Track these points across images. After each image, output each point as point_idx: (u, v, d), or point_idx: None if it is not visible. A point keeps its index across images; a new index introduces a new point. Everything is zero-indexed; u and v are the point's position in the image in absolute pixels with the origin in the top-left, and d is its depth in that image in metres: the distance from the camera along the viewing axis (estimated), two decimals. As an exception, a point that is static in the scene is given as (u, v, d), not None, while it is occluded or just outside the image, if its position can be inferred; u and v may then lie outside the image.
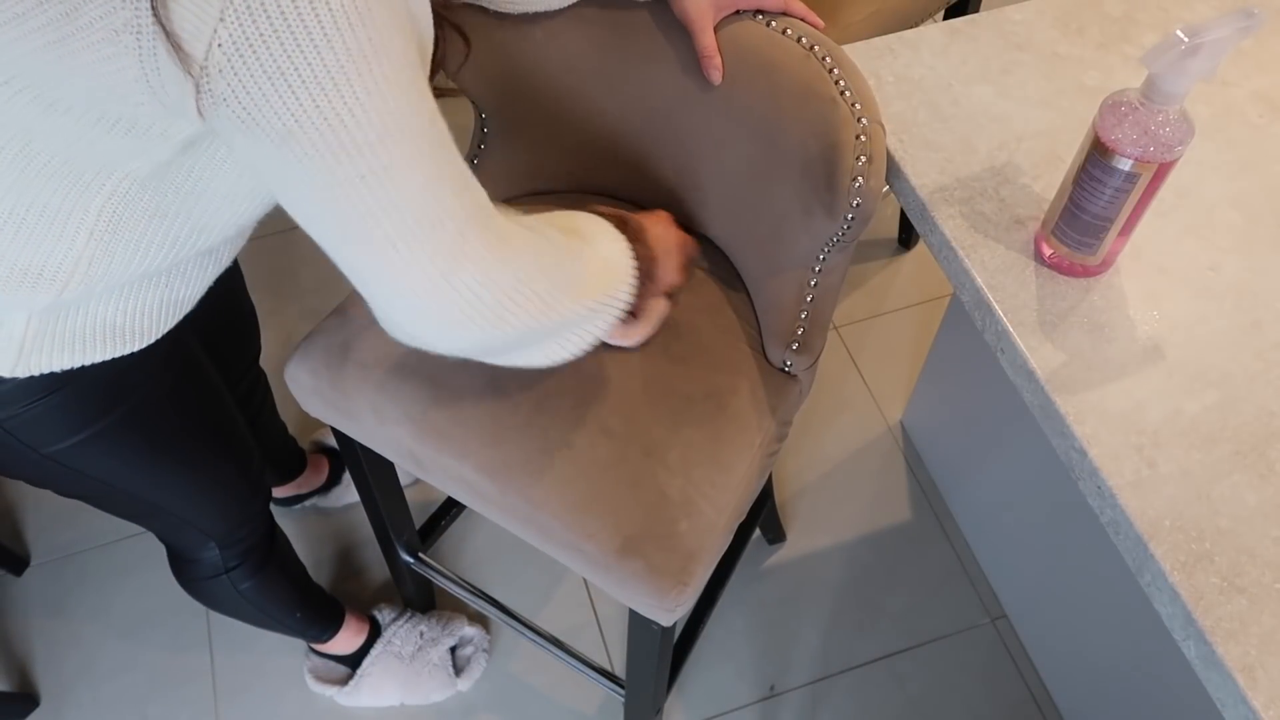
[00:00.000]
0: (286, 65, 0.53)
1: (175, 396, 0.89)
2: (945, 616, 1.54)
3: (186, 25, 0.52)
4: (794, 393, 1.04)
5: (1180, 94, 0.69)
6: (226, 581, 1.11)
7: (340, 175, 0.59)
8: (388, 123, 0.58)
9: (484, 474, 0.94)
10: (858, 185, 0.86)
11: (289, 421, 1.49)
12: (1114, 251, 0.81)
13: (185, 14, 0.52)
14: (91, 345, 0.76)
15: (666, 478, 0.93)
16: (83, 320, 0.75)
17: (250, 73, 0.53)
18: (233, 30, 0.51)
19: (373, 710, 1.44)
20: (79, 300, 0.73)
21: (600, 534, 0.90)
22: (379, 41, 0.55)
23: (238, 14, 0.51)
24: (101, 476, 0.89)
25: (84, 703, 1.45)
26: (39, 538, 1.59)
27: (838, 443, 1.71)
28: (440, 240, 0.64)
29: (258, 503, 1.09)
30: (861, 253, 1.96)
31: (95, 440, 0.83)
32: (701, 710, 1.45)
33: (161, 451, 0.90)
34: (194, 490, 0.98)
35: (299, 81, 0.54)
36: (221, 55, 0.52)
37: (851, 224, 0.89)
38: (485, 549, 1.58)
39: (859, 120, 0.86)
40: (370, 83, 0.55)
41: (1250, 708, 0.64)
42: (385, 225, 0.62)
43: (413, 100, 0.59)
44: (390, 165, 0.59)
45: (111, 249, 0.70)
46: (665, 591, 0.89)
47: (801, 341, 1.02)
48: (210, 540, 1.06)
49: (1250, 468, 0.73)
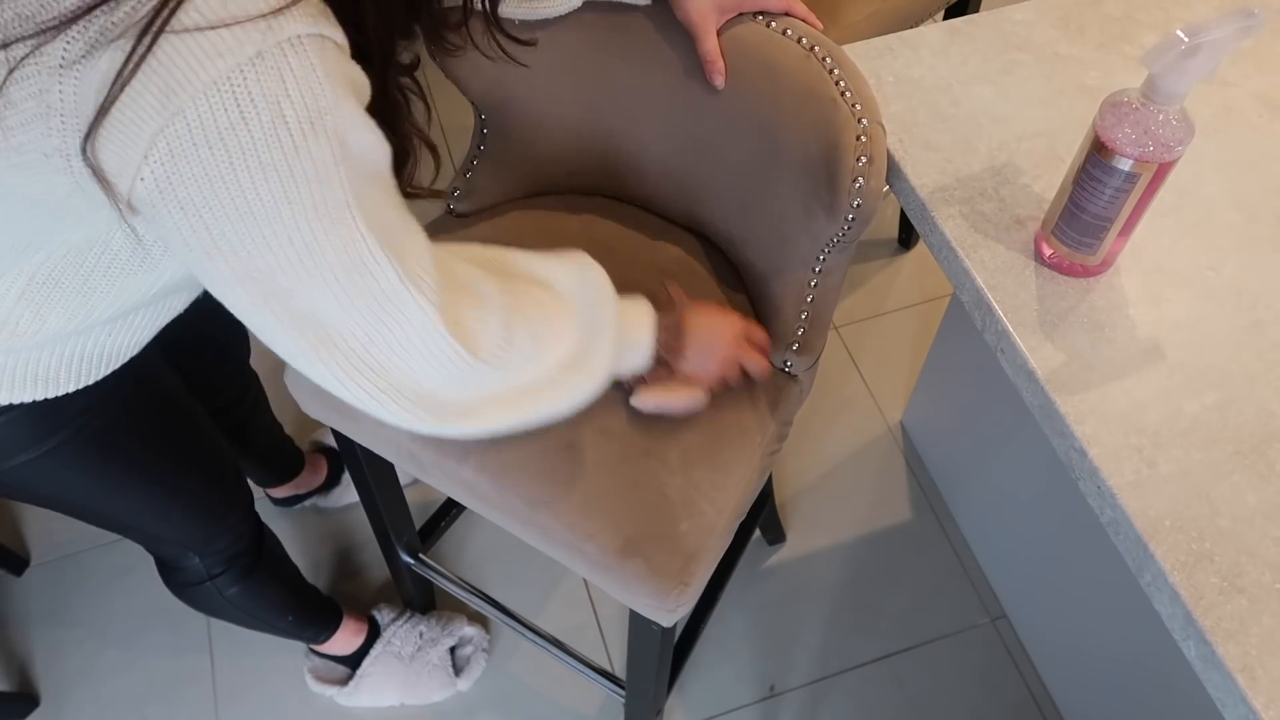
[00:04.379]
0: (203, 203, 0.54)
1: (130, 416, 0.86)
2: (945, 616, 1.54)
3: (110, 164, 0.54)
4: (794, 393, 1.04)
5: (1180, 94, 0.69)
6: (212, 588, 1.11)
7: (256, 295, 0.60)
8: (297, 257, 0.58)
9: (483, 475, 0.93)
10: (858, 186, 0.86)
11: (287, 421, 1.49)
12: (1114, 251, 0.81)
13: (110, 155, 0.53)
14: (23, 387, 0.74)
15: (666, 478, 0.92)
16: (13, 363, 0.72)
17: (169, 206, 0.55)
18: (155, 170, 0.53)
19: (373, 710, 1.44)
20: (10, 349, 0.71)
21: (601, 535, 0.90)
22: (302, 179, 0.55)
23: (160, 157, 0.52)
24: (53, 495, 0.87)
25: (84, 703, 1.45)
26: (39, 538, 1.59)
27: (838, 443, 1.71)
28: (338, 354, 0.64)
29: (235, 514, 1.08)
30: (861, 253, 1.96)
31: (45, 459, 0.81)
32: (701, 710, 1.45)
33: (117, 471, 0.88)
34: (155, 506, 0.96)
35: (214, 219, 0.55)
36: (143, 189, 0.54)
37: (852, 224, 0.89)
38: (485, 549, 1.58)
39: (859, 121, 0.86)
40: (280, 226, 0.56)
41: (1250, 708, 0.64)
42: (293, 334, 0.63)
43: (331, 231, 0.58)
44: (295, 290, 0.60)
45: (42, 312, 0.68)
46: (666, 592, 0.89)
47: (802, 342, 1.02)
48: (188, 550, 1.05)
49: (1250, 468, 0.73)
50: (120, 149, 0.53)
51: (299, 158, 0.54)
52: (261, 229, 0.56)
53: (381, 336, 0.63)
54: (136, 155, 0.53)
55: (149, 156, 0.53)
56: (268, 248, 0.57)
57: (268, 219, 0.56)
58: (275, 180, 0.54)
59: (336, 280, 0.60)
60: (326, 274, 0.59)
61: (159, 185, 0.54)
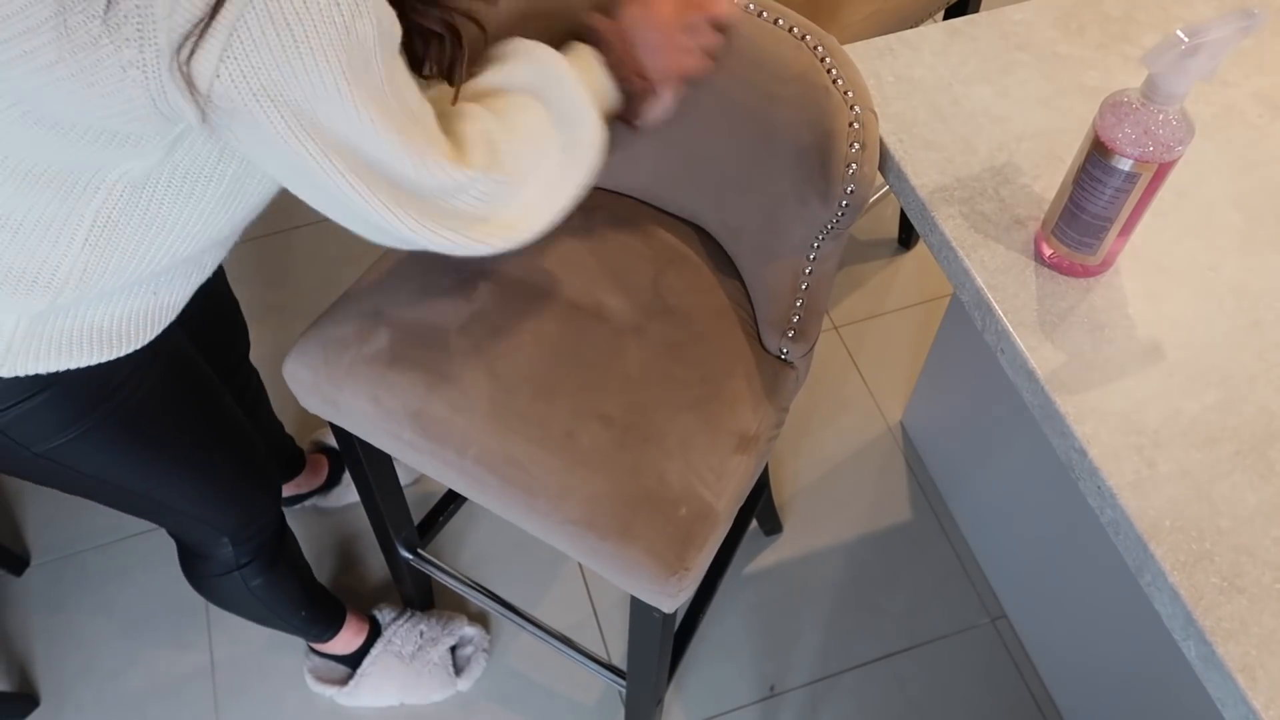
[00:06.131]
0: (275, 89, 0.59)
1: (165, 392, 0.89)
2: (945, 616, 1.54)
3: (197, 68, 0.57)
4: (790, 379, 1.05)
5: (1180, 94, 0.69)
6: (238, 578, 1.12)
7: (342, 165, 0.65)
8: (362, 120, 0.64)
9: (484, 466, 0.94)
10: (852, 172, 0.87)
11: (288, 421, 1.49)
12: (1114, 251, 0.81)
13: (198, 61, 0.57)
14: (79, 349, 0.77)
15: (666, 464, 0.93)
16: (71, 324, 0.75)
17: (247, 97, 0.59)
18: (231, 67, 0.57)
19: (373, 710, 1.44)
20: (71, 305, 0.73)
21: (601, 521, 0.91)
22: (356, 53, 0.60)
23: (237, 51, 0.57)
24: (97, 474, 0.89)
25: (84, 703, 1.45)
26: (39, 538, 1.59)
27: (838, 443, 1.71)
28: (409, 205, 0.70)
29: (267, 497, 1.10)
30: (861, 253, 1.96)
31: (86, 437, 0.83)
32: (701, 710, 1.45)
33: (155, 447, 0.91)
34: (193, 484, 0.98)
35: (286, 101, 0.60)
36: (221, 87, 0.58)
37: (846, 210, 0.90)
38: (483, 546, 1.58)
39: (852, 108, 0.87)
40: (355, 101, 0.62)
41: (1250, 708, 0.64)
42: (370, 196, 0.68)
43: (385, 101, 0.64)
44: (361, 148, 0.65)
45: (107, 255, 0.71)
46: (667, 577, 0.90)
47: (797, 329, 1.02)
48: (224, 536, 1.06)
49: (1250, 468, 0.73)
50: (203, 55, 0.56)
51: (349, 36, 0.59)
52: (330, 104, 0.61)
53: (433, 183, 0.70)
54: (215, 51, 0.56)
55: (227, 51, 0.56)
56: (339, 118, 0.62)
57: (335, 90, 0.61)
58: (335, 56, 0.59)
59: (393, 135, 0.66)
60: (384, 131, 0.65)
61: (236, 78, 0.58)
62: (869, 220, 2.00)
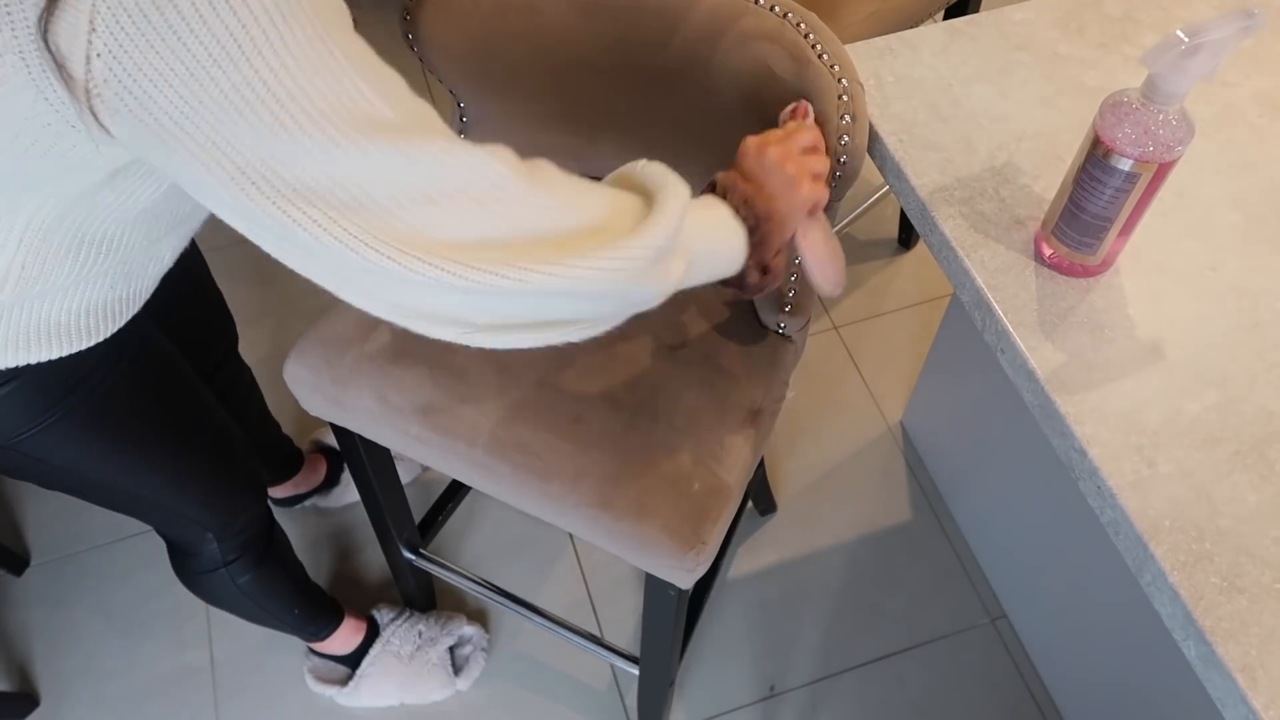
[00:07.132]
0: (161, 62, 0.49)
1: (135, 384, 0.87)
2: (945, 616, 1.54)
3: (62, 43, 0.49)
4: (789, 353, 1.07)
5: (1180, 94, 0.69)
6: (225, 575, 1.11)
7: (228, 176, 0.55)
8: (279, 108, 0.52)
9: (495, 455, 0.95)
10: (844, 143, 0.88)
11: (286, 421, 1.49)
12: (1114, 251, 0.81)
13: (60, 31, 0.49)
14: (37, 345, 0.75)
15: (677, 442, 0.96)
16: (25, 320, 0.74)
17: (130, 76, 0.50)
18: (104, 38, 0.49)
19: (373, 710, 1.44)
20: (16, 302, 0.72)
21: (617, 501, 0.92)
22: (265, 17, 0.49)
23: (104, 20, 0.48)
24: (67, 466, 0.88)
25: (84, 702, 1.45)
26: (39, 537, 1.59)
27: (837, 443, 1.71)
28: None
29: (247, 494, 1.09)
30: (861, 253, 1.96)
31: (53, 429, 0.82)
32: (701, 710, 1.45)
33: (124, 439, 0.89)
34: (167, 477, 0.97)
35: (176, 76, 0.50)
36: (101, 65, 0.50)
37: (839, 182, 0.91)
38: (481, 545, 1.58)
39: (840, 81, 0.88)
40: (250, 74, 0.50)
41: (1250, 708, 0.64)
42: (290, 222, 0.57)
43: (305, 64, 0.52)
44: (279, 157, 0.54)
45: (43, 255, 0.69)
46: (684, 552, 0.91)
47: (793, 304, 1.04)
48: (207, 532, 1.06)
49: (1250, 468, 0.73)
50: (67, 23, 0.48)
51: None
52: (229, 82, 0.49)
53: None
54: (83, 28, 0.48)
55: (94, 25, 0.48)
56: (241, 113, 0.50)
57: (234, 67, 0.49)
58: (229, 16, 0.48)
59: (329, 106, 0.53)
60: (318, 106, 0.53)
61: (113, 53, 0.49)
62: (869, 220, 2.00)
